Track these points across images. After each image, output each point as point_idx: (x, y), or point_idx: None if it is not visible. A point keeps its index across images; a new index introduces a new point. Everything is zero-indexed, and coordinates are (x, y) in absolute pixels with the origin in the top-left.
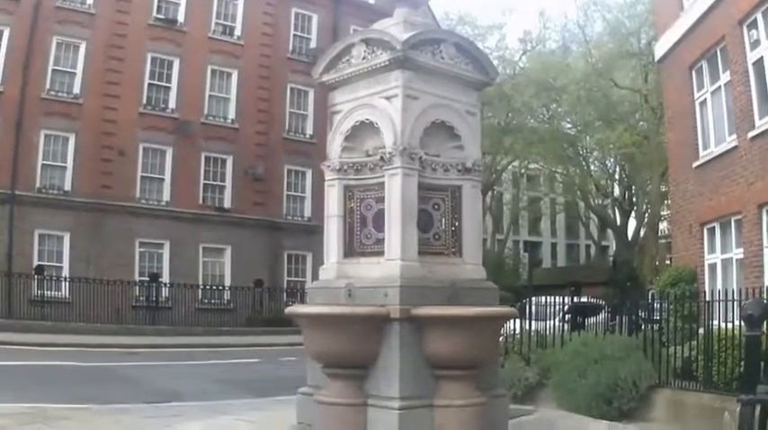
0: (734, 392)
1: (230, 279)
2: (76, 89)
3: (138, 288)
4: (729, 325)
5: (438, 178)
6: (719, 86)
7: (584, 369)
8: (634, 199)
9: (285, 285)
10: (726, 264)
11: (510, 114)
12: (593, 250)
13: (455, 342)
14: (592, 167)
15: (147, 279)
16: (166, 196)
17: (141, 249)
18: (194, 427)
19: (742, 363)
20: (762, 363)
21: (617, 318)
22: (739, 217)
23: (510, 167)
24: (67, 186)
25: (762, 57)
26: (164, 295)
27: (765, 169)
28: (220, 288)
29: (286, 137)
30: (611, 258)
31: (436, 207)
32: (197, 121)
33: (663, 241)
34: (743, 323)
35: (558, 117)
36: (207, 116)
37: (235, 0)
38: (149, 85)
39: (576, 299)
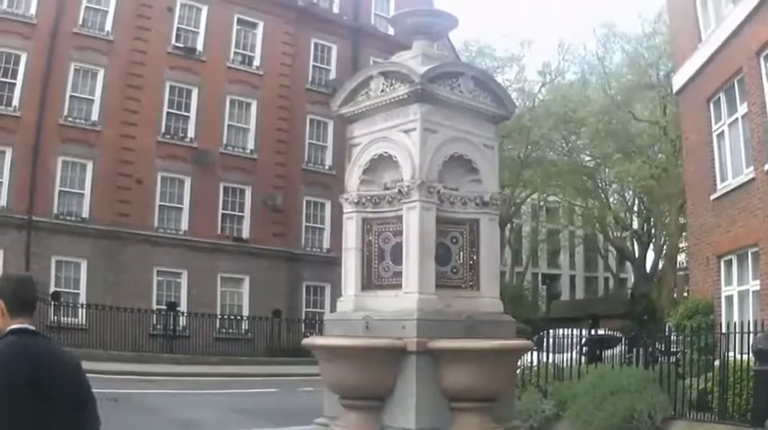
0: (748, 424)
1: (248, 309)
2: (94, 116)
3: (155, 316)
4: (745, 356)
5: (456, 212)
6: (737, 118)
7: (601, 401)
8: (653, 231)
9: (303, 316)
10: (742, 295)
11: (529, 147)
12: (611, 283)
13: (471, 375)
14: (611, 200)
15: (165, 307)
16: (184, 225)
17: (159, 278)
18: None
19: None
20: None
21: (634, 350)
22: (756, 249)
23: (529, 200)
24: (85, 213)
25: None
26: (181, 324)
27: None
28: (238, 318)
29: (305, 168)
30: (629, 291)
31: (454, 240)
32: (216, 151)
33: (681, 273)
34: (753, 357)
35: (577, 149)
36: (226, 146)
37: (254, 30)
38: (168, 113)
39: (593, 331)
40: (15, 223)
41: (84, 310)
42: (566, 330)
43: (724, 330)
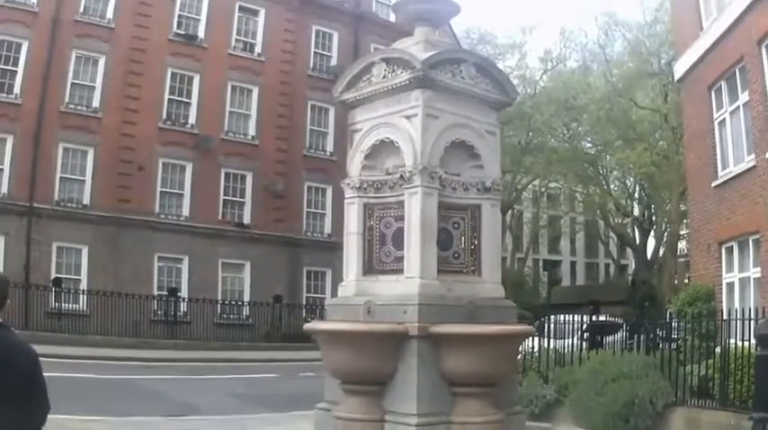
0: (749, 410)
1: (249, 294)
2: (96, 103)
3: (156, 302)
4: (746, 343)
5: (458, 197)
6: (738, 106)
7: (602, 387)
8: (653, 218)
9: (304, 301)
10: (743, 283)
11: (530, 133)
12: (612, 269)
13: (473, 359)
14: (612, 187)
15: (166, 293)
16: (186, 211)
17: (160, 264)
18: None
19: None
20: None
21: (635, 336)
22: (757, 236)
23: (530, 186)
24: (86, 200)
25: None
26: (182, 310)
27: None
28: (239, 303)
29: (306, 154)
30: (630, 277)
31: (456, 226)
32: (217, 137)
33: (682, 260)
34: (755, 342)
35: (578, 136)
36: (227, 132)
37: (255, 17)
38: (169, 100)
39: (594, 317)
40: (16, 210)
41: (85, 296)
42: (567, 316)
43: (725, 317)
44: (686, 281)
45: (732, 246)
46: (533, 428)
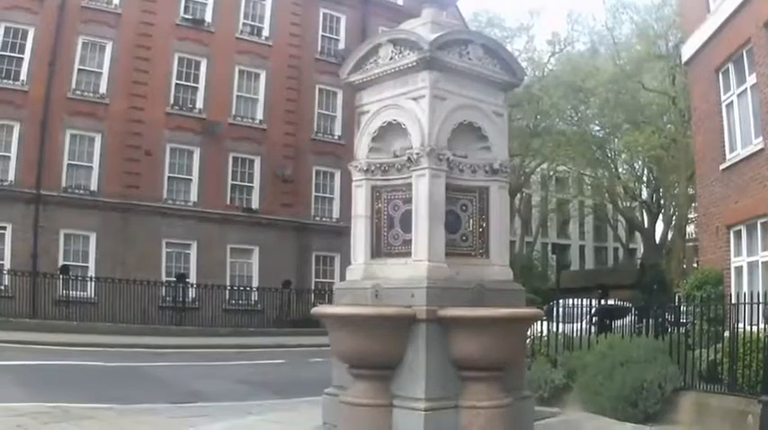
0: (758, 395)
1: (258, 280)
2: (103, 89)
3: (164, 288)
4: (755, 328)
5: (465, 179)
6: (746, 89)
7: (611, 371)
8: (662, 201)
9: (313, 286)
10: (752, 266)
11: (538, 116)
12: (620, 253)
13: (481, 343)
14: (620, 170)
15: (174, 279)
16: (194, 197)
17: (168, 249)
18: (219, 427)
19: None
20: None
21: (643, 320)
22: (765, 219)
23: (539, 170)
24: (94, 186)
25: None
26: (191, 296)
27: None
28: (248, 289)
29: (314, 138)
30: (638, 261)
31: (464, 208)
32: (224, 122)
33: (690, 244)
34: (765, 323)
35: (586, 119)
36: (234, 116)
37: (262, 0)
38: (176, 85)
39: (603, 301)
40: (24, 197)
41: (93, 284)
42: (575, 300)
43: (734, 301)
44: (695, 265)
45: (740, 230)
46: (542, 412)
